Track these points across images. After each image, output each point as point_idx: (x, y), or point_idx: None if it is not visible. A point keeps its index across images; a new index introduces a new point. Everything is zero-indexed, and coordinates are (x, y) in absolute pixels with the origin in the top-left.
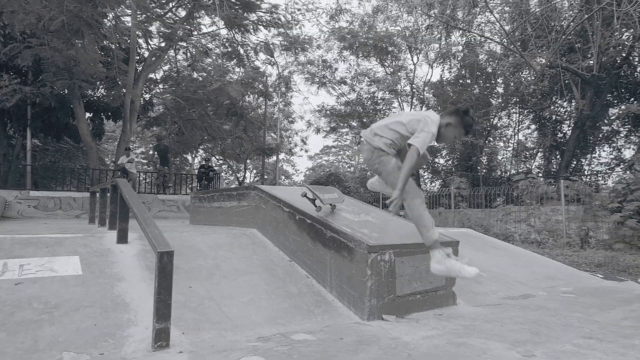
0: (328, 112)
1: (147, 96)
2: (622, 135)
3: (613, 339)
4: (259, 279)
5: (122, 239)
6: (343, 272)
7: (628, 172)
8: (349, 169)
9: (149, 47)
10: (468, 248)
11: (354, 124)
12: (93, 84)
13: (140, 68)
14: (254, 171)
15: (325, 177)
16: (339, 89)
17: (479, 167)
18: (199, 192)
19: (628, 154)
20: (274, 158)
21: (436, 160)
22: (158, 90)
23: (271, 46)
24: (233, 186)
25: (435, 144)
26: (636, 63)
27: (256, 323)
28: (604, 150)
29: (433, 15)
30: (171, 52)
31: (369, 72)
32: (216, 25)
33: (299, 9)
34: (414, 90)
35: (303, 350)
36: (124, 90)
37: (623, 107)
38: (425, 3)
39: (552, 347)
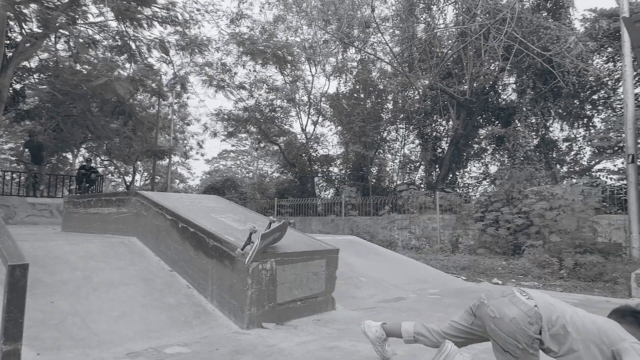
0: (226, 116)
1: (18, 86)
2: (488, 152)
3: None
4: (135, 290)
5: None
6: (224, 281)
7: (492, 185)
8: (247, 174)
9: (23, 31)
10: (352, 254)
11: (253, 129)
12: None
13: (10, 54)
14: (145, 174)
15: (222, 182)
16: (238, 93)
17: (369, 177)
18: (73, 197)
19: (493, 169)
20: (168, 161)
21: (330, 169)
22: (33, 81)
23: (166, 44)
24: (112, 191)
25: (332, 153)
26: (500, 91)
27: (127, 338)
28: (474, 166)
29: (329, 32)
30: (51, 40)
31: (268, 80)
32: (104, 17)
33: (198, 9)
34: (311, 100)
35: None
36: None
37: (489, 128)
38: (323, 19)
39: (412, 346)
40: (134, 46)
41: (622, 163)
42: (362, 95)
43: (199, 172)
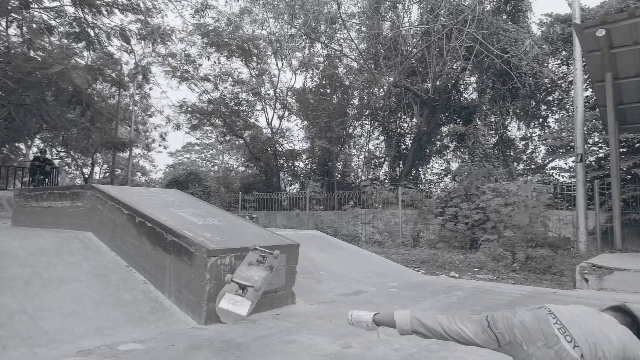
0: (189, 108)
1: None
2: (450, 149)
3: None
4: (88, 286)
5: None
6: (182, 276)
7: (453, 182)
8: (212, 168)
9: None
10: (314, 249)
11: (219, 122)
12: None
13: None
14: (105, 166)
15: (185, 175)
16: (202, 85)
17: (334, 172)
18: (25, 190)
19: (454, 166)
20: (128, 153)
21: (296, 163)
22: None
23: (127, 33)
24: (66, 184)
25: (297, 148)
26: (462, 90)
27: (78, 335)
28: (437, 162)
29: (296, 26)
30: (2, 24)
31: (233, 72)
32: (60, 1)
33: None
34: (277, 94)
35: None
36: None
37: (451, 126)
38: (289, 13)
39: (367, 338)
40: (92, 33)
41: (573, 162)
42: (328, 91)
43: (162, 165)
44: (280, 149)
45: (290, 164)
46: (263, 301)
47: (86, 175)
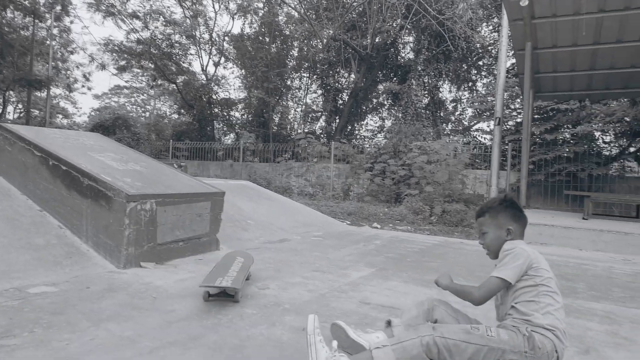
0: (116, 47)
1: None
2: (386, 107)
3: (333, 270)
4: None
5: None
6: (100, 221)
7: (385, 139)
8: (143, 114)
9: None
10: (243, 199)
11: (151, 64)
12: None
13: None
14: (20, 106)
15: (112, 120)
16: (131, 23)
17: (270, 124)
18: None
19: (389, 124)
20: (46, 92)
21: (231, 113)
22: None
23: None
24: None
25: (233, 97)
26: (400, 49)
27: None
28: (372, 119)
29: None
30: None
31: (165, 11)
32: None
33: None
34: (213, 39)
35: (38, 302)
36: None
37: (387, 84)
38: None
39: (285, 280)
40: None
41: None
42: (267, 39)
43: (87, 109)
44: (215, 97)
45: (225, 114)
46: (186, 247)
47: None
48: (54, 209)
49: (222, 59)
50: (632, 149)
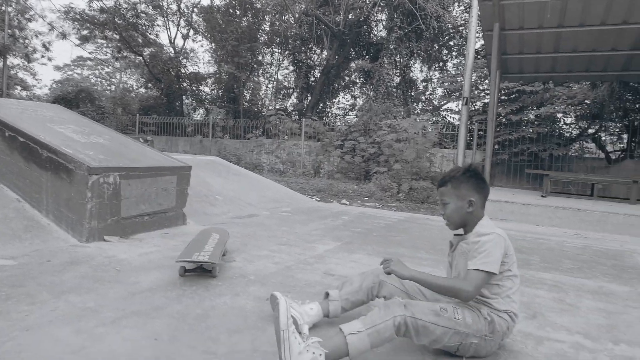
0: (77, 16)
1: None
2: (358, 85)
3: (300, 244)
4: None
5: None
6: (61, 195)
7: (356, 117)
8: (108, 88)
9: None
10: (212, 174)
11: (116, 35)
12: None
13: None
14: None
15: (75, 93)
16: None
17: (241, 100)
18: None
19: (361, 102)
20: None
21: (201, 88)
22: None
23: None
24: None
25: (203, 71)
26: (372, 26)
27: None
28: (344, 97)
29: None
30: None
31: None
32: None
33: None
34: (181, 10)
35: None
36: None
37: (359, 62)
38: None
39: (251, 253)
40: None
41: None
42: (237, 12)
43: (48, 81)
44: (184, 71)
45: (194, 88)
46: (152, 221)
47: None
48: (11, 182)
49: (191, 32)
50: (590, 131)
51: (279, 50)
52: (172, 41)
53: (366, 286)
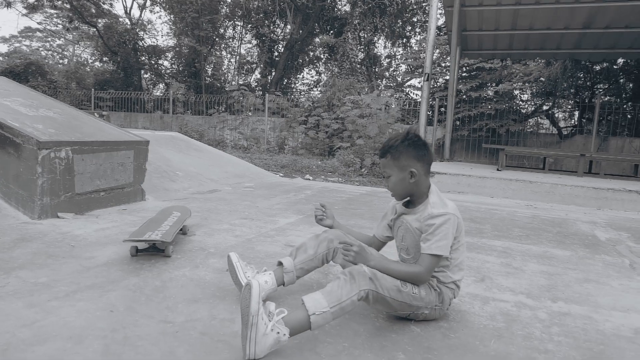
0: None
1: None
2: (322, 61)
3: (262, 218)
4: None
5: None
6: (9, 170)
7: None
8: (61, 61)
9: None
10: (172, 150)
11: (67, 4)
12: None
13: None
14: None
15: (23, 66)
16: None
17: (203, 75)
18: None
19: (325, 78)
20: None
21: (160, 62)
22: None
23: None
24: None
25: (161, 45)
26: (336, 0)
27: None
28: (309, 73)
29: None
30: None
31: None
32: None
33: None
34: None
35: None
36: None
37: (323, 37)
38: None
39: (211, 227)
40: None
41: None
42: None
43: None
44: (141, 44)
45: (153, 62)
46: (108, 197)
47: None
48: None
49: (148, 2)
50: (545, 108)
51: (242, 24)
52: (128, 12)
53: (320, 253)
